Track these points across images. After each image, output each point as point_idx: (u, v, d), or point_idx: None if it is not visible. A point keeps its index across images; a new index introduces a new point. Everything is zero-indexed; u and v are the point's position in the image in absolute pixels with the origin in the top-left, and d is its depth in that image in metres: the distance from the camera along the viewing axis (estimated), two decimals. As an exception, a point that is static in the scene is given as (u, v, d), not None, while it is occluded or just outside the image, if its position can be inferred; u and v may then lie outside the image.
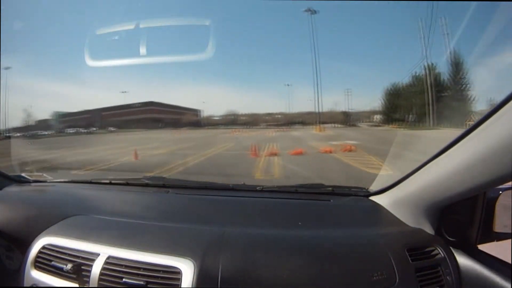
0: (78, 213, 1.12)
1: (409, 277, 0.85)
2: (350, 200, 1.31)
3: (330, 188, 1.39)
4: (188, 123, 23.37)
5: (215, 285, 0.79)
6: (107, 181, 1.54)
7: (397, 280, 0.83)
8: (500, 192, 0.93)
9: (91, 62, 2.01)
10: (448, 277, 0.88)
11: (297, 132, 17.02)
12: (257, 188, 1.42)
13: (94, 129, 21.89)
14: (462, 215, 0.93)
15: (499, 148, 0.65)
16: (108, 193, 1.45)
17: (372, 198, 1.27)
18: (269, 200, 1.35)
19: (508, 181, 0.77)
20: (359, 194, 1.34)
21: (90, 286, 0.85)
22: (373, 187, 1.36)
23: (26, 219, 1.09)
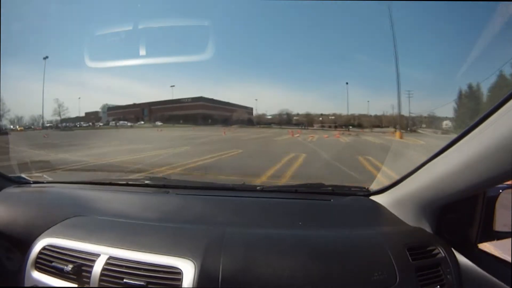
0: (79, 214, 1.12)
1: (409, 277, 0.85)
2: (350, 200, 1.31)
3: (330, 188, 1.39)
4: (239, 120, 22.74)
5: (216, 285, 0.79)
6: (108, 182, 1.54)
7: (398, 280, 0.83)
8: (500, 191, 0.93)
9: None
10: (448, 276, 0.88)
11: (372, 137, 14.67)
12: (257, 188, 1.43)
13: (142, 122, 22.13)
14: (462, 214, 0.94)
15: (499, 147, 0.65)
16: (109, 194, 1.45)
17: (372, 197, 1.27)
18: (269, 200, 1.35)
19: (508, 180, 0.77)
20: (359, 194, 1.34)
21: (90, 286, 0.85)
22: (373, 187, 1.36)
23: (27, 220, 1.09)
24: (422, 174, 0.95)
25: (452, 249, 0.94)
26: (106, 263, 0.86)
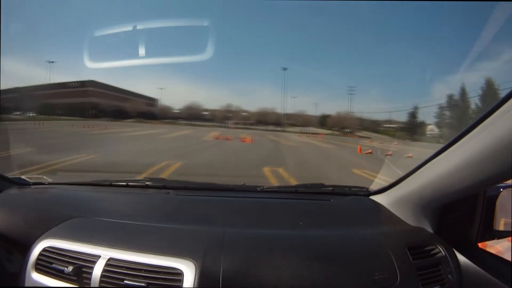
0: (79, 215, 1.12)
1: (410, 276, 0.85)
2: (350, 200, 1.31)
3: (331, 188, 1.39)
4: (139, 113, 18.96)
5: (216, 285, 0.79)
6: (108, 183, 1.54)
7: (399, 279, 0.83)
8: (501, 190, 0.93)
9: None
10: (449, 276, 0.88)
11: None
12: (258, 188, 1.43)
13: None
14: (462, 214, 0.94)
15: (499, 146, 0.66)
16: (109, 195, 1.45)
17: (373, 197, 1.27)
18: (269, 200, 1.35)
19: (508, 179, 0.77)
20: (360, 194, 1.34)
21: (91, 287, 0.85)
22: (373, 187, 1.36)
23: (27, 222, 1.08)
24: (422, 174, 0.95)
25: (453, 248, 0.94)
26: (107, 265, 0.86)
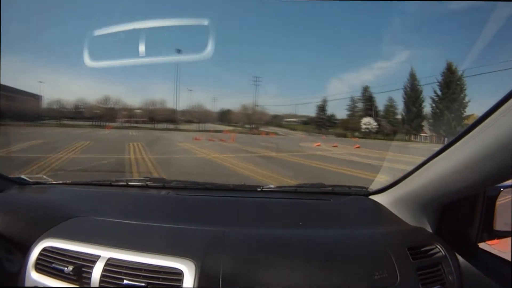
0: (79, 215, 1.12)
1: (410, 276, 0.85)
2: (350, 200, 1.31)
3: (330, 188, 1.39)
4: (15, 113, 15.25)
5: (216, 285, 0.79)
6: (108, 183, 1.54)
7: (399, 279, 0.83)
8: (501, 189, 0.93)
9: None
10: (449, 276, 0.88)
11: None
12: (258, 188, 1.43)
13: None
14: (462, 214, 0.94)
15: (499, 146, 0.66)
16: (109, 195, 1.45)
17: (373, 197, 1.27)
18: (269, 200, 1.35)
19: (508, 179, 0.77)
20: (360, 194, 1.34)
21: (91, 287, 0.85)
22: (373, 186, 1.36)
23: (27, 221, 1.08)
24: (422, 174, 0.95)
25: (453, 248, 0.94)
26: (106, 265, 0.86)
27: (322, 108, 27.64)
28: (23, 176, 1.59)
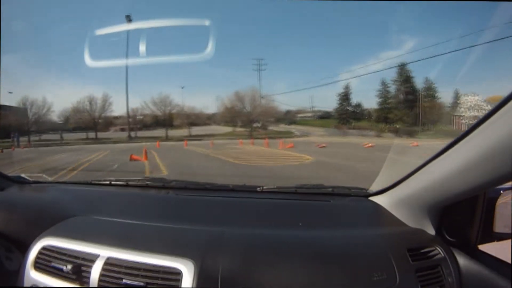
0: (78, 214, 1.12)
1: (409, 278, 0.85)
2: (350, 201, 1.31)
3: (330, 189, 1.39)
4: None
5: (215, 285, 0.78)
6: (107, 182, 1.54)
7: (398, 281, 0.82)
8: (501, 191, 0.93)
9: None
10: (448, 278, 0.88)
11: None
12: (257, 188, 1.42)
13: None
14: (462, 215, 0.93)
15: (499, 148, 0.65)
16: (108, 194, 1.45)
17: (372, 198, 1.27)
18: (269, 200, 1.35)
19: (509, 181, 0.77)
20: (359, 195, 1.34)
21: (90, 287, 0.85)
22: (373, 188, 1.36)
23: (26, 220, 1.09)
24: (422, 175, 0.95)
25: (452, 250, 0.94)
26: (105, 264, 0.86)
27: (345, 97, 23.60)
28: (23, 175, 1.60)
